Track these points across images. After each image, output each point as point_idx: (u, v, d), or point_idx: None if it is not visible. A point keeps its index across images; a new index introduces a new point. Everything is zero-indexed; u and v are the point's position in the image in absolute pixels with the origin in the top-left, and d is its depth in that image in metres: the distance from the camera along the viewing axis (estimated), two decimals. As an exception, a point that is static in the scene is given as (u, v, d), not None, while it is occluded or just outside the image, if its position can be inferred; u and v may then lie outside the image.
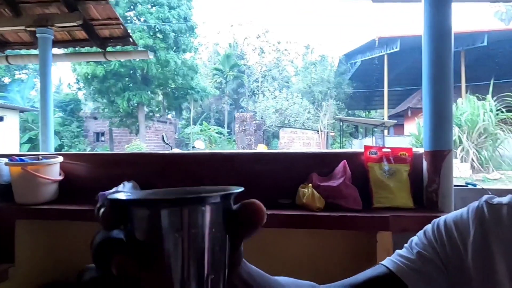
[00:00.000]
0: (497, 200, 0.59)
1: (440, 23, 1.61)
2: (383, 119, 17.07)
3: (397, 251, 0.69)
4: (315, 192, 1.61)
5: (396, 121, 16.55)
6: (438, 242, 0.63)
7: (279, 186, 1.82)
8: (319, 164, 1.82)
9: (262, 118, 22.32)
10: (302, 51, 32.78)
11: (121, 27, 3.77)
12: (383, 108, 21.08)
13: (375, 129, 15.80)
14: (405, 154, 1.73)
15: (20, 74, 27.66)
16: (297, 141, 17.29)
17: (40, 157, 1.99)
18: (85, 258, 1.60)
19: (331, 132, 20.63)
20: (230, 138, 23.95)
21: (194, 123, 25.62)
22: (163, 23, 17.66)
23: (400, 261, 0.66)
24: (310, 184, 1.65)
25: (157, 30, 17.81)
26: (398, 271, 0.65)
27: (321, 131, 18.46)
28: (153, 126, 21.30)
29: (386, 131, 16.47)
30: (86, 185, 2.00)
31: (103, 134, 22.48)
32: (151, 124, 20.94)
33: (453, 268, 0.59)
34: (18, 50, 4.68)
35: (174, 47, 18.52)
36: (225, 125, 27.84)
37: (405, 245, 0.69)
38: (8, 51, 4.66)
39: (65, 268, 2.00)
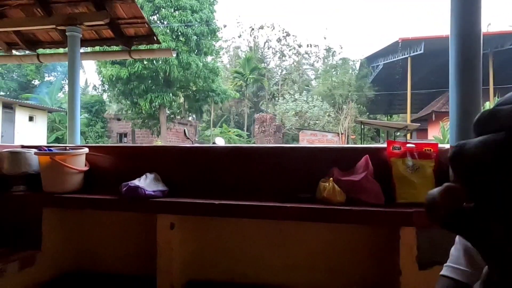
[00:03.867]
0: None
1: (468, 22, 1.55)
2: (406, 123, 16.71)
3: (451, 252, 0.63)
4: (336, 186, 1.59)
5: (419, 124, 16.11)
6: None
7: (298, 180, 1.81)
8: (340, 159, 1.80)
9: (281, 121, 22.27)
10: (323, 54, 32.58)
11: (146, 25, 3.86)
12: (405, 112, 20.61)
13: (398, 133, 15.45)
14: (430, 149, 1.68)
15: (49, 76, 28.83)
16: (317, 144, 17.16)
17: (67, 148, 2.05)
18: (105, 247, 1.62)
19: (352, 135, 20.32)
20: (250, 140, 24.01)
21: (214, 126, 25.85)
22: (186, 26, 17.96)
23: (459, 267, 0.60)
24: (331, 179, 1.63)
25: (179, 33, 18.12)
26: (464, 278, 0.58)
27: (342, 134, 18.22)
28: (174, 128, 21.63)
29: (408, 135, 16.08)
30: (109, 176, 2.05)
31: (126, 135, 23.05)
32: (172, 125, 21.28)
33: None
34: (48, 49, 4.88)
35: (196, 50, 18.76)
36: (245, 128, 27.93)
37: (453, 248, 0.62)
38: (39, 50, 4.88)
39: (87, 256, 2.06)
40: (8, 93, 24.94)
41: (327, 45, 33.44)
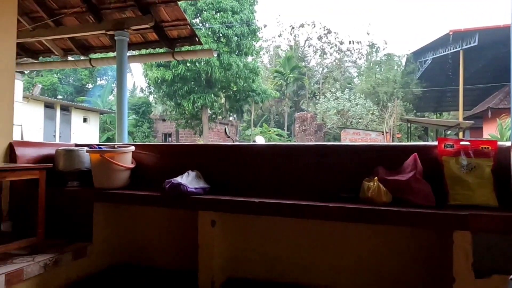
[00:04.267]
0: None
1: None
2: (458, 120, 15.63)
3: None
4: (381, 186, 1.51)
5: (473, 122, 14.99)
6: None
7: (341, 179, 1.75)
8: (385, 157, 1.71)
9: (323, 119, 21.85)
10: (366, 51, 31.49)
11: (188, 27, 3.97)
12: (457, 110, 19.31)
13: (448, 132, 14.52)
14: (488, 147, 1.55)
15: (101, 80, 30.73)
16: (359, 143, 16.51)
17: (116, 146, 2.16)
18: (150, 241, 1.67)
19: (398, 133, 19.41)
20: (290, 139, 23.86)
21: (255, 125, 26.00)
22: (227, 27, 18.23)
23: None
24: (376, 178, 1.55)
25: (220, 34, 18.44)
26: None
27: (386, 132, 17.47)
28: (215, 128, 22.07)
29: (461, 134, 15.04)
30: (154, 173, 2.12)
31: (170, 135, 23.94)
32: (213, 125, 21.72)
33: None
34: (99, 54, 5.22)
35: (237, 51, 18.96)
36: (285, 127, 27.79)
37: None
38: (91, 55, 5.23)
39: (133, 249, 2.15)
40: (65, 96, 26.96)
41: (371, 41, 32.20)
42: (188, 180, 1.83)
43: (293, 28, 33.07)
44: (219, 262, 1.75)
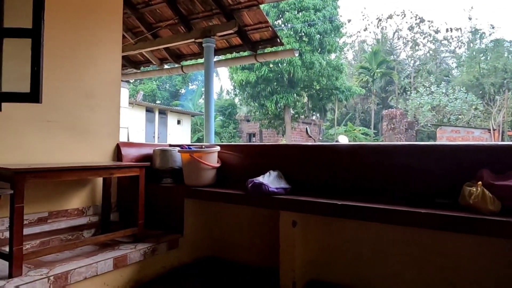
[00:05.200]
0: None
1: None
2: None
3: None
4: (486, 192, 1.32)
5: None
6: None
7: (436, 183, 1.58)
8: (492, 159, 1.49)
9: (414, 116, 20.08)
10: (467, 38, 27.95)
11: (270, 29, 4.05)
12: None
13: None
14: None
15: (192, 85, 33.29)
16: (459, 142, 14.72)
17: (203, 146, 2.30)
18: (234, 237, 1.74)
19: (509, 131, 16.77)
20: (377, 139, 22.54)
21: (339, 124, 25.21)
22: (309, 26, 18.06)
23: None
24: (480, 182, 1.36)
25: (303, 33, 18.36)
26: None
27: (494, 130, 15.22)
28: (298, 127, 22.05)
29: None
30: (237, 172, 2.21)
31: (254, 135, 24.74)
32: (296, 125, 21.73)
33: None
34: (189, 61, 5.68)
35: (319, 49, 18.67)
36: (372, 126, 26.33)
37: None
38: (183, 62, 5.72)
39: (219, 244, 2.26)
40: (162, 101, 29.92)
41: (473, 27, 28.30)
42: (270, 180, 1.85)
43: (380, 20, 31.17)
44: (301, 263, 1.73)
